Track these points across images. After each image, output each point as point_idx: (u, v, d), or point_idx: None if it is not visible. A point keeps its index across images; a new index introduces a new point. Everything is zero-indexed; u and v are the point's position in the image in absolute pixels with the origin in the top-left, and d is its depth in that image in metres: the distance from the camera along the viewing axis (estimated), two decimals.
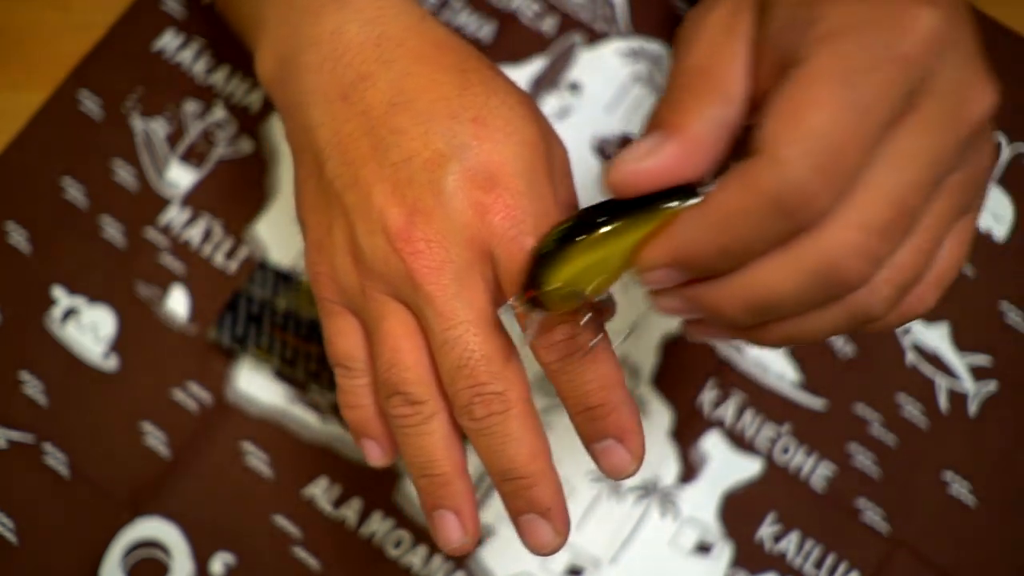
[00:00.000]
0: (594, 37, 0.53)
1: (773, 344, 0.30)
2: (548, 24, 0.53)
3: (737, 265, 0.27)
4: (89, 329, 0.48)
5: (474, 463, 0.37)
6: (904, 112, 0.26)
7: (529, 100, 0.36)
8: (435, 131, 0.33)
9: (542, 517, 0.34)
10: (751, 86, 0.28)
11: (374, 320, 0.35)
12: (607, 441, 0.33)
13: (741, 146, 0.27)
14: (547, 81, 0.52)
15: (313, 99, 0.35)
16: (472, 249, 0.33)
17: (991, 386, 0.48)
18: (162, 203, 0.50)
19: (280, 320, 0.47)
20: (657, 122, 0.28)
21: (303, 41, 0.36)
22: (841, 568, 0.46)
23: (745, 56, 0.28)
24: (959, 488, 0.47)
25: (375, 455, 0.37)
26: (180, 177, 0.50)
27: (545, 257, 0.30)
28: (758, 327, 0.29)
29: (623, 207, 0.29)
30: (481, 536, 0.46)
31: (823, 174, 0.24)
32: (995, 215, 0.50)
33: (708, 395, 0.48)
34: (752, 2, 0.28)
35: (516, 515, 0.34)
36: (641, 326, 0.48)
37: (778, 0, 0.27)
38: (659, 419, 0.47)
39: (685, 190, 0.28)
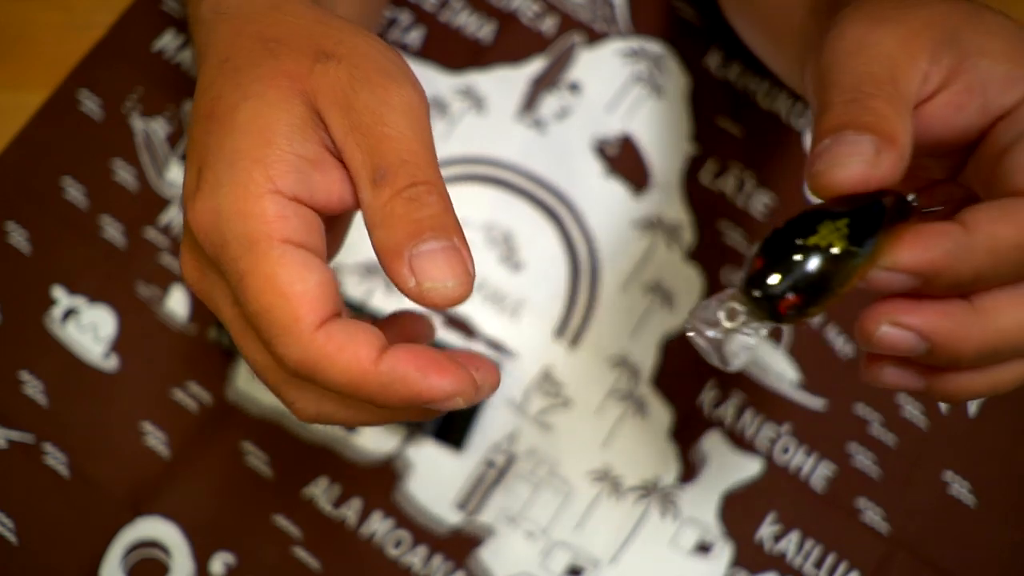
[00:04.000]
0: (594, 37, 0.53)
1: (957, 398, 0.30)
2: (548, 24, 0.53)
3: (969, 291, 0.28)
4: (89, 329, 0.48)
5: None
6: None
7: (262, 91, 0.30)
8: (190, 133, 0.32)
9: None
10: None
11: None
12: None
13: None
14: (547, 81, 0.52)
15: None
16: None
17: None
18: (162, 203, 0.50)
19: None
20: (859, 124, 0.28)
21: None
22: (841, 568, 0.46)
23: (925, 75, 0.29)
24: (959, 488, 0.47)
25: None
26: (180, 177, 0.50)
27: (838, 260, 0.26)
28: (951, 377, 0.30)
29: (834, 216, 0.27)
30: (480, 537, 0.46)
31: None
32: None
33: (708, 395, 0.48)
34: (935, 34, 0.29)
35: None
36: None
37: (980, 50, 0.29)
38: (659, 419, 0.47)
39: (875, 197, 0.28)
